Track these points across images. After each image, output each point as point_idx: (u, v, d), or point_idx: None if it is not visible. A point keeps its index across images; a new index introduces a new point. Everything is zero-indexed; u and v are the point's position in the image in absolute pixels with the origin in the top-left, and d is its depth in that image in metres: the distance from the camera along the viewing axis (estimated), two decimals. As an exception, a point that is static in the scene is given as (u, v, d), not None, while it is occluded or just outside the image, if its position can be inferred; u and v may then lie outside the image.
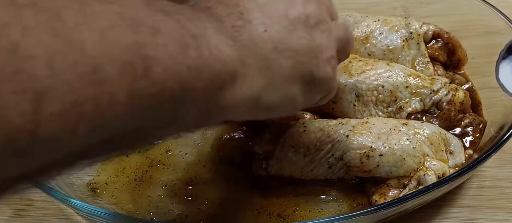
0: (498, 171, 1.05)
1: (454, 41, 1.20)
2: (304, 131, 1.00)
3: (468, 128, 1.08)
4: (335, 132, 0.99)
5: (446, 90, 1.07)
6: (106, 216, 0.87)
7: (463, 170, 0.89)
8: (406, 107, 1.06)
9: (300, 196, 1.00)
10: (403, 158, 0.95)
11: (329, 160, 0.99)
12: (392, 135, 0.97)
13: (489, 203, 1.01)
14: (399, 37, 1.19)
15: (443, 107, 1.07)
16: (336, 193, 1.01)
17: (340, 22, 0.85)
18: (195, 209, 1.00)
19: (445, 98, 1.07)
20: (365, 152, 0.96)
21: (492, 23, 1.15)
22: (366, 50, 1.19)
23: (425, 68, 1.17)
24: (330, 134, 0.99)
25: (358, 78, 1.07)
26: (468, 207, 1.01)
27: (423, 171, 0.95)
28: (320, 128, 1.00)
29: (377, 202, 0.95)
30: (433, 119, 1.07)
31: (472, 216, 0.99)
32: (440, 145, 1.00)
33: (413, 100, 1.07)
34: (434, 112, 1.07)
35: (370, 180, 0.99)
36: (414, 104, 1.07)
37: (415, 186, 0.95)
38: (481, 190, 1.03)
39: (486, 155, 0.90)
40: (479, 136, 1.08)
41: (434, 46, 1.20)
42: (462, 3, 1.25)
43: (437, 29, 1.20)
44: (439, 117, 1.07)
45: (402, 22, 1.21)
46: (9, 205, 1.04)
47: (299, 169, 1.00)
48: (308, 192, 1.01)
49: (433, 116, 1.07)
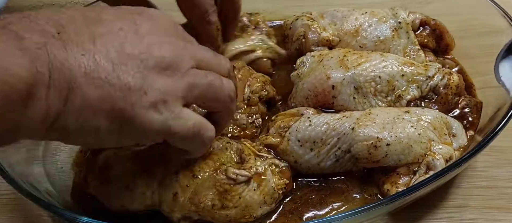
0: (498, 171, 1.06)
1: (441, 27, 1.23)
2: (309, 125, 1.00)
3: (466, 109, 1.11)
4: (340, 125, 0.99)
5: (441, 75, 1.09)
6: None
7: (476, 149, 0.90)
8: (404, 95, 1.08)
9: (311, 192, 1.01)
10: (410, 145, 0.96)
11: (336, 153, 0.99)
12: (396, 124, 0.98)
13: (489, 203, 1.01)
14: (388, 28, 1.20)
15: (440, 92, 1.08)
16: (345, 186, 1.01)
17: (220, 72, 0.83)
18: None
19: (441, 83, 1.08)
20: (372, 143, 0.96)
21: (492, 23, 1.16)
22: (357, 43, 1.20)
23: (416, 55, 1.19)
24: (335, 127, 0.99)
25: (355, 71, 1.08)
26: (468, 207, 1.01)
27: (431, 156, 0.96)
28: (326, 122, 1.00)
29: (389, 191, 0.96)
30: (432, 104, 1.09)
31: (472, 216, 1.00)
32: (443, 129, 1.02)
33: (411, 88, 1.09)
34: (431, 97, 1.09)
35: (379, 169, 0.99)
36: (412, 91, 1.08)
37: (425, 171, 0.96)
38: (481, 190, 1.04)
39: (494, 133, 0.91)
40: (477, 116, 1.10)
41: (423, 33, 1.23)
42: (461, 3, 1.26)
43: (424, 16, 1.23)
44: (437, 102, 1.09)
45: (389, 12, 1.23)
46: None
47: (306, 162, 1.00)
48: (319, 188, 1.01)
49: (431, 101, 1.09)
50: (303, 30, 1.21)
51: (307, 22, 1.22)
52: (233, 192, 0.92)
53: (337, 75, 1.08)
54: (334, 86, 1.08)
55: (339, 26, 1.22)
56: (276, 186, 0.95)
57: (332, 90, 1.08)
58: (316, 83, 1.09)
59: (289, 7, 1.43)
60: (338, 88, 1.08)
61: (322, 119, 1.01)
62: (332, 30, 1.21)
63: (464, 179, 1.04)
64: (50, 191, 0.99)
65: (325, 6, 1.29)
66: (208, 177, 0.92)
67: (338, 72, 1.08)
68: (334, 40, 1.20)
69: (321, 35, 1.20)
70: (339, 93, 1.08)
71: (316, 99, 1.10)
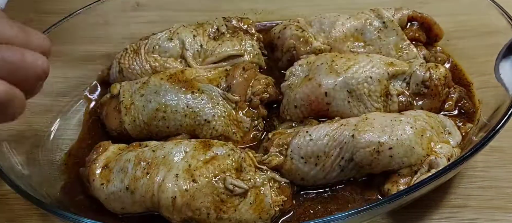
0: (498, 171, 1.06)
1: (428, 19, 1.23)
2: (310, 140, 0.99)
3: (461, 102, 1.11)
4: (340, 134, 0.98)
5: (424, 69, 1.09)
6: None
7: (477, 147, 0.90)
8: (392, 91, 1.08)
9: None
10: (412, 147, 0.96)
11: (340, 163, 0.98)
12: (395, 126, 0.98)
13: (489, 203, 1.01)
14: (373, 30, 1.20)
15: (429, 85, 1.08)
16: (349, 194, 1.00)
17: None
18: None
19: (425, 76, 1.08)
20: (375, 148, 0.96)
21: (492, 22, 1.15)
22: (348, 48, 1.20)
23: (408, 50, 1.19)
24: (335, 137, 0.98)
25: (346, 75, 1.07)
26: (468, 207, 1.01)
27: (434, 155, 0.96)
28: (326, 133, 0.99)
29: (390, 190, 0.96)
30: (425, 99, 1.09)
31: (472, 216, 1.00)
32: (439, 128, 1.02)
33: (395, 84, 1.09)
34: (422, 92, 1.09)
35: (380, 174, 0.99)
36: (396, 86, 1.09)
37: (426, 170, 0.96)
38: (481, 190, 1.04)
39: (495, 130, 0.91)
40: (473, 104, 1.11)
41: (412, 28, 1.22)
42: (461, 3, 1.26)
43: (411, 12, 1.22)
44: (429, 95, 1.08)
45: (372, 14, 1.22)
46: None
47: (312, 178, 0.99)
48: (322, 200, 1.01)
49: (423, 97, 1.09)
50: (293, 42, 1.21)
51: (296, 32, 1.21)
52: (229, 203, 0.92)
53: (329, 81, 1.07)
54: (327, 93, 1.07)
55: (328, 33, 1.21)
56: (273, 202, 0.94)
57: (325, 97, 1.07)
58: (308, 92, 1.08)
59: (289, 7, 1.43)
60: (331, 94, 1.07)
61: (322, 130, 0.99)
62: (322, 39, 1.20)
63: (464, 179, 1.04)
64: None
65: (340, 11, 1.28)
66: (207, 183, 0.92)
67: (329, 78, 1.08)
68: (326, 49, 1.19)
69: (313, 45, 1.19)
70: (333, 99, 1.07)
71: (310, 108, 1.09)
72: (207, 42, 1.22)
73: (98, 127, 1.18)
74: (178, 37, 1.22)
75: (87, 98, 1.25)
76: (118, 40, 1.32)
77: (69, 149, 1.14)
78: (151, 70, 1.20)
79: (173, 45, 1.21)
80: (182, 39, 1.22)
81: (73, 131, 1.19)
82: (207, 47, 1.21)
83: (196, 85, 1.11)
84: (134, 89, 1.12)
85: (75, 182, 1.06)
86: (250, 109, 1.11)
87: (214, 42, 1.22)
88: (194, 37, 1.22)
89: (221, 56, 1.20)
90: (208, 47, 1.21)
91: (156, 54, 1.21)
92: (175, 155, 0.97)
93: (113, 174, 0.98)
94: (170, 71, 1.15)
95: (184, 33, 1.23)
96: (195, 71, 1.15)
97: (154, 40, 1.23)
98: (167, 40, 1.22)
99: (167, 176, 0.94)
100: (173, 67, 1.19)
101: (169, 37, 1.22)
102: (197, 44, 1.21)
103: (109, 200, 0.97)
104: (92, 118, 1.21)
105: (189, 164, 0.94)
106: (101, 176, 0.98)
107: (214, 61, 1.20)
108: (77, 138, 1.17)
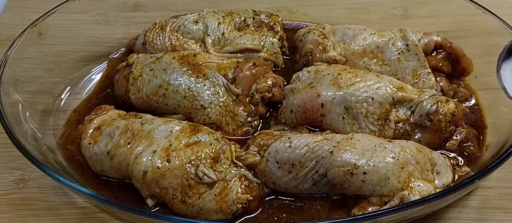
0: (498, 171, 1.00)
1: (457, 51, 1.16)
2: (289, 147, 0.98)
3: (467, 143, 1.05)
4: (319, 148, 0.97)
5: (432, 102, 1.04)
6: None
7: (444, 192, 0.87)
8: (391, 116, 1.04)
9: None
10: (387, 177, 0.93)
11: (313, 177, 0.97)
12: (377, 152, 0.95)
13: (489, 203, 1.00)
14: (395, 50, 1.16)
15: (433, 119, 1.03)
16: (316, 210, 0.99)
17: None
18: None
19: (430, 109, 1.03)
20: (349, 169, 0.94)
21: (491, 24, 1.14)
22: (364, 64, 1.17)
23: (426, 79, 1.14)
24: (314, 150, 0.97)
25: (347, 90, 1.05)
26: (468, 207, 1.00)
27: (408, 191, 0.92)
28: (306, 144, 0.98)
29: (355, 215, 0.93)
30: (425, 132, 1.04)
31: (472, 216, 0.98)
32: (426, 165, 0.97)
33: (400, 110, 1.05)
34: (425, 124, 1.04)
35: (353, 196, 0.96)
36: (397, 112, 1.05)
37: (397, 203, 0.92)
38: (481, 190, 1.01)
39: (470, 179, 0.87)
40: (479, 149, 1.05)
41: (438, 56, 1.17)
42: (461, 3, 1.22)
43: (439, 40, 1.16)
44: (430, 129, 1.03)
45: (398, 34, 1.18)
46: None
47: (284, 184, 0.99)
48: (290, 209, 1.00)
49: (423, 129, 1.04)
50: (311, 47, 1.19)
51: (317, 38, 1.20)
52: (196, 190, 0.95)
53: (328, 93, 1.06)
54: (324, 104, 1.05)
55: (348, 45, 1.18)
56: (237, 199, 0.95)
57: (320, 109, 1.06)
58: (305, 100, 1.07)
59: (313, 5, 1.42)
60: (327, 107, 1.05)
61: (303, 140, 0.99)
62: (340, 49, 1.18)
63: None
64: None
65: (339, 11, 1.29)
66: (179, 165, 0.96)
67: (330, 90, 1.06)
68: (341, 60, 1.17)
69: (328, 54, 1.17)
70: (328, 112, 1.05)
71: (304, 116, 1.08)
72: (230, 31, 1.24)
73: (108, 91, 1.23)
74: (203, 21, 1.25)
75: (111, 61, 1.32)
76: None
77: (76, 107, 1.21)
78: (170, 48, 1.24)
79: (197, 29, 1.25)
80: (207, 24, 1.25)
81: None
82: (228, 36, 1.24)
83: (203, 71, 1.13)
84: (147, 63, 1.17)
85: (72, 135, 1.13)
86: (249, 105, 1.12)
87: (237, 33, 1.24)
88: (219, 24, 1.25)
89: (238, 47, 1.22)
90: (229, 37, 1.23)
91: (180, 34, 1.25)
92: (160, 132, 1.01)
93: (101, 136, 1.04)
94: (183, 52, 1.19)
95: (210, 18, 1.25)
96: (207, 57, 1.18)
97: (182, 20, 1.27)
98: (193, 23, 1.25)
99: (145, 150, 0.98)
100: (191, 49, 1.23)
101: (196, 20, 1.26)
102: (220, 31, 1.24)
103: (92, 159, 1.04)
104: (106, 81, 1.27)
105: (170, 144, 0.98)
106: (91, 136, 1.05)
107: (230, 51, 1.22)
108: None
